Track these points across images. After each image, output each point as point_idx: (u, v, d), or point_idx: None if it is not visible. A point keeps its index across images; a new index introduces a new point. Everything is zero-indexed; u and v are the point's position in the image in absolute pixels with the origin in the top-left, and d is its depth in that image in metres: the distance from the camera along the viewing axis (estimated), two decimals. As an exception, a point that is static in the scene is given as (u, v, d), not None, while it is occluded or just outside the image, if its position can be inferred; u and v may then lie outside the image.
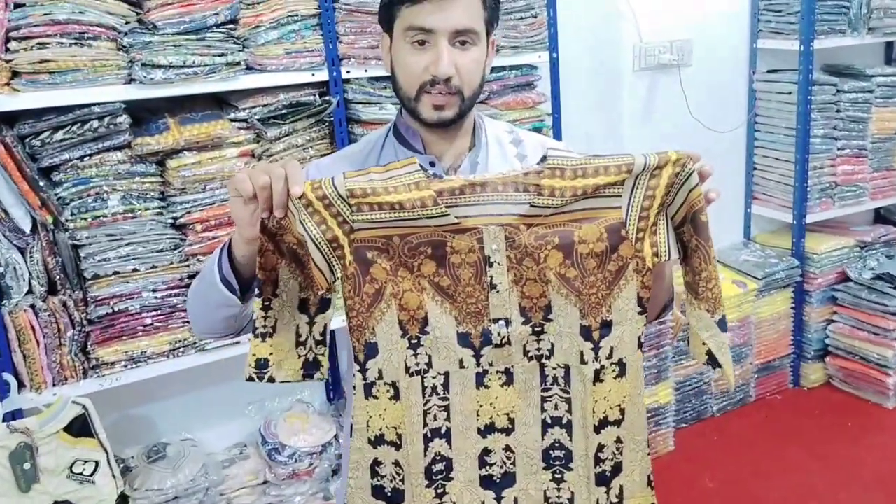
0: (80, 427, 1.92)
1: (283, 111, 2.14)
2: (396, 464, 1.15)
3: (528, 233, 1.09)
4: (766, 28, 3.25)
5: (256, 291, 1.11)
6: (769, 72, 3.31)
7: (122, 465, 2.21)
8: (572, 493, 1.17)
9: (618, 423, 1.15)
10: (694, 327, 1.17)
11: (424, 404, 1.13)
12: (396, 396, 1.12)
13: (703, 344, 1.16)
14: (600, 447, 1.15)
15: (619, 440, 1.15)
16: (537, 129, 2.54)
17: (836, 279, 3.35)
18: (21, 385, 1.91)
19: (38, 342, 1.91)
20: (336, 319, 2.14)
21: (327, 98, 2.18)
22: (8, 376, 1.87)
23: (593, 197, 1.08)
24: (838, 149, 3.23)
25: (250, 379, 1.13)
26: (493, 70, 2.45)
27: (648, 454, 1.19)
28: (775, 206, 3.39)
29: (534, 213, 1.08)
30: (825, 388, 3.42)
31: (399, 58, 1.24)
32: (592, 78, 2.99)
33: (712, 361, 1.17)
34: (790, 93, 3.18)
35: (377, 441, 1.14)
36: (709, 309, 1.14)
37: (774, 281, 3.24)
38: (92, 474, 1.94)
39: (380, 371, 1.12)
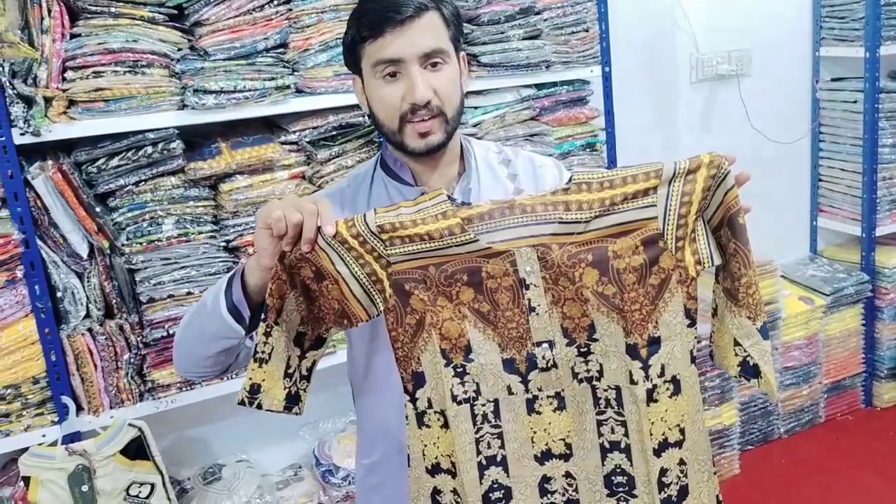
0: (136, 449, 1.94)
1: (333, 133, 2.14)
2: (454, 492, 1.14)
3: (561, 251, 1.06)
4: (829, 35, 3.14)
5: (263, 316, 1.10)
6: (833, 80, 3.20)
7: (178, 487, 2.23)
8: None
9: (679, 444, 1.10)
10: (726, 337, 1.12)
11: (476, 432, 1.11)
12: (446, 425, 1.11)
13: (736, 356, 1.11)
14: (663, 471, 1.10)
15: (682, 462, 1.11)
16: (590, 146, 2.51)
17: (910, 294, 3.20)
18: (79, 408, 1.95)
19: (95, 365, 1.94)
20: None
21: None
22: (67, 399, 1.90)
23: (625, 211, 1.05)
24: (909, 158, 3.09)
25: (241, 403, 1.13)
26: (544, 86, 2.42)
27: (715, 473, 1.14)
28: (843, 219, 3.26)
29: (564, 230, 1.06)
30: (900, 408, 3.26)
31: (374, 95, 1.23)
32: (647, 91, 2.93)
33: (746, 373, 1.12)
34: (856, 101, 3.06)
35: (434, 470, 1.13)
36: (750, 316, 1.10)
37: (843, 297, 3.11)
38: (148, 497, 1.96)
39: (429, 400, 1.12)
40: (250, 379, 1.11)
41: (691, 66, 3.00)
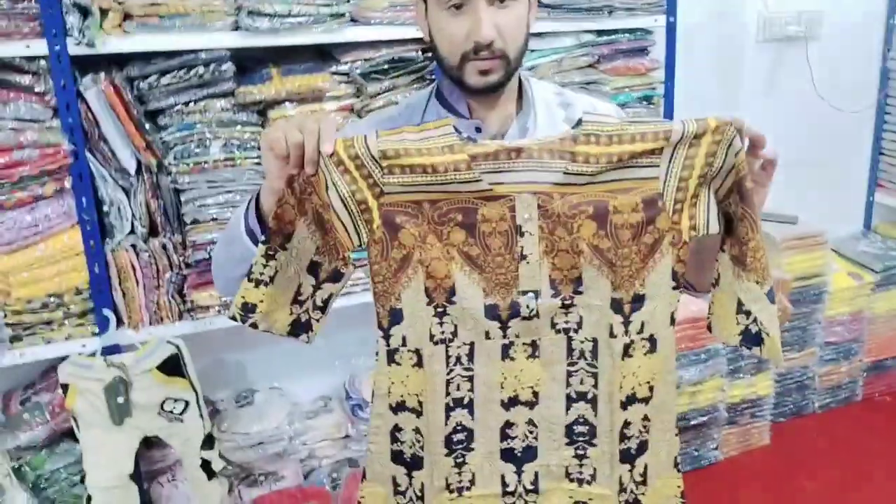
0: (172, 367, 1.97)
1: (385, 66, 2.11)
2: (417, 430, 1.14)
3: (562, 202, 1.05)
4: (907, 2, 3.00)
5: (262, 238, 1.09)
6: (906, 49, 3.06)
7: (210, 407, 2.28)
8: (595, 469, 1.15)
9: (646, 400, 1.12)
10: (728, 306, 1.10)
11: (448, 373, 1.11)
12: (419, 364, 1.10)
13: (738, 324, 1.10)
14: (626, 424, 1.12)
15: (646, 418, 1.13)
16: (647, 98, 2.44)
17: (964, 276, 3.09)
18: (119, 321, 1.98)
19: (137, 281, 1.96)
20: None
21: (430, 55, 2.14)
22: (108, 312, 1.93)
23: (629, 167, 1.04)
24: (978, 136, 2.97)
25: (233, 318, 1.12)
26: (604, 33, 2.36)
27: (678, 435, 1.15)
28: (902, 195, 3.15)
29: (568, 181, 1.04)
30: (942, 392, 3.19)
31: (437, 26, 1.18)
32: (711, 47, 2.83)
33: (748, 341, 1.10)
34: (928, 74, 2.94)
35: (398, 408, 1.13)
36: (758, 280, 1.07)
37: (894, 275, 3.03)
38: (181, 413, 2.00)
39: (403, 338, 1.10)
40: (242, 297, 1.10)
41: (759, 25, 2.89)
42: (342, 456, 2.39)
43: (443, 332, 1.10)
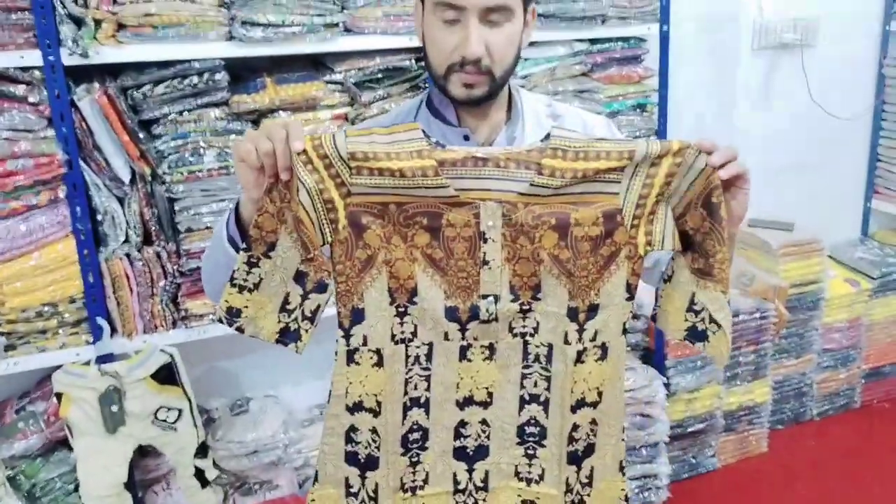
0: (166, 375, 1.98)
1: (379, 75, 2.12)
2: (374, 430, 1.15)
3: (526, 211, 1.08)
4: (903, 9, 3.00)
5: (243, 245, 1.09)
6: (902, 56, 3.07)
7: (205, 416, 2.27)
8: (543, 469, 1.18)
9: (594, 404, 1.15)
10: (678, 303, 1.15)
11: (406, 373, 1.13)
12: (380, 363, 1.12)
13: (686, 321, 1.14)
14: (574, 427, 1.15)
15: (594, 422, 1.16)
16: (641, 106, 2.45)
17: (962, 283, 3.09)
18: (113, 330, 1.98)
19: (131, 290, 1.97)
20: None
21: (423, 64, 2.14)
22: (101, 321, 1.94)
23: (592, 181, 1.08)
24: (975, 143, 2.97)
25: (220, 321, 1.13)
26: (598, 41, 2.36)
27: (624, 440, 1.19)
28: (899, 202, 3.15)
29: (533, 192, 1.07)
30: (940, 399, 3.18)
31: (429, 32, 1.19)
32: (706, 55, 2.84)
33: (693, 337, 1.15)
34: (924, 80, 2.94)
35: (355, 408, 1.14)
36: (723, 290, 1.12)
37: (891, 281, 3.03)
38: (175, 421, 2.00)
39: (364, 337, 1.11)
40: (226, 301, 1.11)
41: (754, 33, 2.89)
42: (337, 464, 2.38)
43: (403, 332, 1.12)
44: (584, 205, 1.08)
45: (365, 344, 1.11)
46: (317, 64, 2.17)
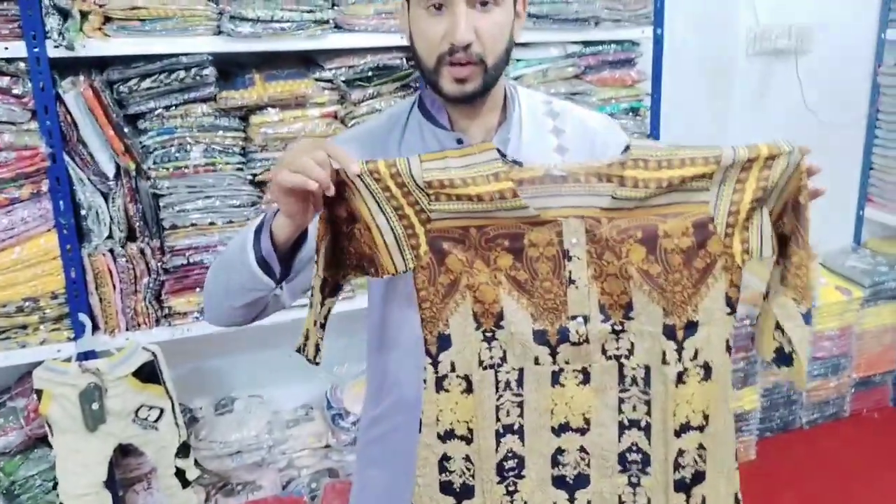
0: (148, 373, 1.96)
1: (369, 74, 2.10)
2: (467, 458, 1.11)
3: (610, 226, 1.03)
4: (899, 17, 2.99)
5: (318, 262, 1.05)
6: (897, 65, 3.06)
7: (189, 415, 2.25)
8: (648, 498, 1.10)
9: (701, 428, 1.07)
10: (769, 321, 1.08)
11: (497, 399, 1.09)
12: (469, 390, 1.08)
13: (774, 340, 1.07)
14: (680, 452, 1.08)
15: (701, 447, 1.08)
16: (634, 110, 2.43)
17: (953, 294, 3.08)
18: (95, 327, 1.96)
19: (114, 286, 1.94)
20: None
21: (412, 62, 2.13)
22: (84, 317, 1.91)
23: (679, 190, 1.02)
24: (968, 152, 2.96)
25: (298, 350, 1.09)
26: (591, 44, 2.35)
27: (737, 468, 1.10)
28: (891, 211, 3.13)
29: (616, 205, 1.02)
30: (930, 410, 3.17)
31: (416, 25, 1.15)
32: (700, 59, 2.82)
33: (779, 360, 1.08)
34: (919, 89, 2.93)
35: (447, 436, 1.10)
36: (795, 298, 1.05)
37: (883, 290, 3.01)
38: (156, 421, 1.97)
39: (452, 364, 1.07)
40: (306, 328, 1.08)
41: (749, 38, 2.87)
42: (322, 466, 2.36)
43: (492, 358, 1.08)
44: (672, 216, 1.03)
45: (453, 370, 1.08)
46: (307, 61, 2.16)
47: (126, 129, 1.89)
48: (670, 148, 1.02)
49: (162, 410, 1.98)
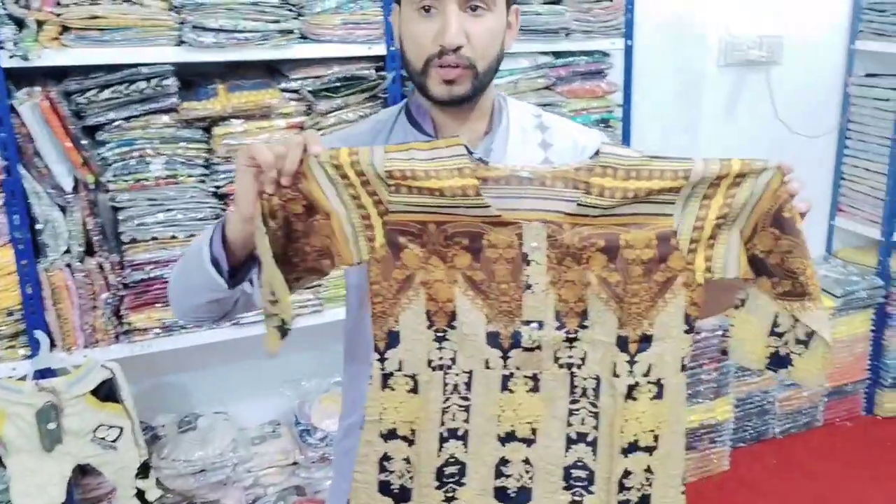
0: (107, 392, 1.91)
1: (336, 84, 2.07)
2: (407, 460, 1.08)
3: (572, 232, 1.00)
4: (868, 28, 3.00)
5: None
6: (867, 76, 3.07)
7: (151, 433, 2.20)
8: None
9: (650, 449, 1.05)
10: (754, 329, 1.05)
11: (444, 402, 1.06)
12: (415, 390, 1.05)
13: (767, 347, 1.04)
14: (626, 473, 1.05)
15: (649, 470, 1.06)
16: (605, 121, 2.42)
17: (924, 304, 3.10)
18: (52, 344, 1.91)
19: (72, 302, 1.90)
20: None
21: (383, 73, 2.10)
22: (40, 334, 1.86)
23: (645, 202, 0.99)
24: (938, 163, 2.98)
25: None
26: (562, 55, 2.33)
27: (684, 493, 1.08)
28: (862, 221, 3.15)
29: (580, 212, 1.00)
30: (901, 418, 3.18)
31: (406, 26, 1.13)
32: (671, 70, 2.82)
33: (775, 364, 1.05)
34: (888, 100, 2.94)
35: (389, 435, 1.07)
36: (822, 307, 1.01)
37: (854, 300, 3.02)
38: (115, 440, 1.93)
39: (400, 362, 1.05)
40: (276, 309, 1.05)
41: (720, 49, 2.88)
42: (289, 483, 2.31)
43: (441, 358, 1.05)
44: (635, 226, 1.00)
45: (400, 369, 1.05)
46: (272, 71, 2.12)
47: (84, 141, 1.84)
48: (641, 156, 1.00)
49: (121, 429, 1.93)
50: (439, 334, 1.05)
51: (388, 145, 1.01)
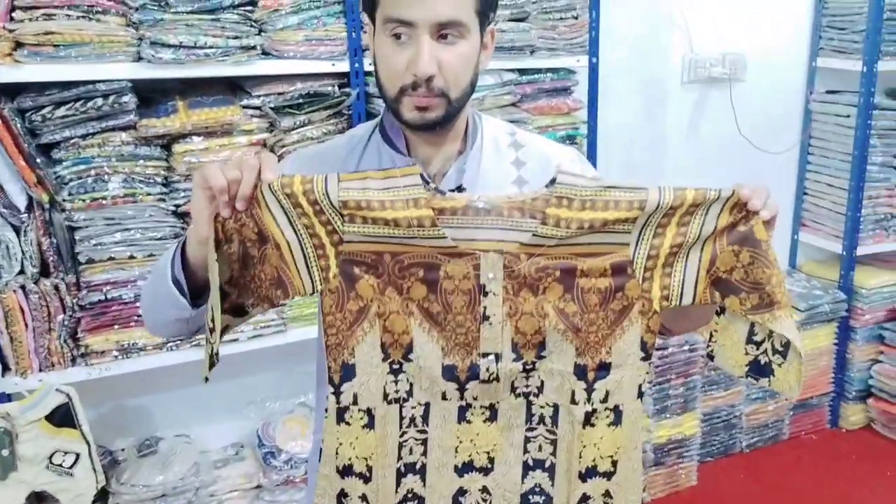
0: (62, 416, 1.86)
1: (299, 101, 2.04)
2: (364, 498, 1.07)
3: (529, 263, 1.00)
4: (828, 46, 3.05)
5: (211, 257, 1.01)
6: (827, 92, 3.11)
7: (110, 458, 2.15)
8: None
9: (608, 475, 1.05)
10: (736, 335, 1.04)
11: (401, 436, 1.05)
12: (370, 425, 1.04)
13: (746, 354, 1.04)
14: (584, 497, 1.06)
15: (607, 494, 1.06)
16: (571, 138, 2.42)
17: (886, 317, 3.14)
18: (6, 368, 1.86)
19: (26, 325, 1.85)
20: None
21: (346, 90, 2.08)
22: (-8, 358, 1.81)
23: (601, 232, 0.99)
24: (897, 178, 3.03)
25: (206, 380, 1.04)
26: (527, 72, 2.33)
27: None
28: (825, 235, 3.19)
29: (536, 242, 1.00)
30: (865, 431, 3.21)
31: (380, 51, 1.12)
32: (636, 87, 2.84)
33: (755, 372, 1.04)
34: (849, 116, 2.98)
35: (345, 471, 1.06)
36: (791, 314, 1.01)
37: (818, 314, 3.05)
38: (71, 466, 1.87)
39: (355, 396, 1.04)
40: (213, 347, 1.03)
41: (684, 66, 2.90)
42: (253, 507, 2.27)
43: (397, 391, 1.05)
44: (591, 256, 1.01)
45: (355, 403, 1.04)
46: (234, 87, 2.09)
47: (39, 160, 1.79)
48: (598, 186, 0.99)
49: (78, 455, 1.87)
50: (395, 367, 1.04)
51: (342, 173, 1.00)
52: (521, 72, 2.33)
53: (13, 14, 1.72)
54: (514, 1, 2.23)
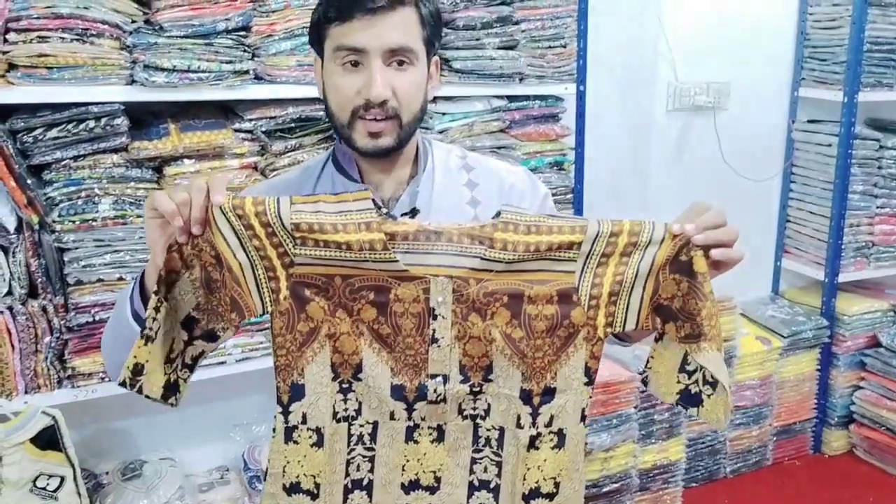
0: (47, 439, 1.84)
1: (291, 125, 2.06)
2: None
3: (478, 288, 1.04)
4: (810, 76, 3.11)
5: (154, 288, 1.02)
6: (809, 121, 3.17)
7: (94, 481, 2.12)
8: None
9: (550, 496, 1.09)
10: (669, 363, 1.07)
11: (349, 453, 1.08)
12: (319, 444, 1.06)
13: (678, 383, 1.07)
14: None
15: None
16: (558, 164, 2.45)
17: (867, 343, 3.17)
18: (-9, 390, 1.83)
19: (12, 346, 1.83)
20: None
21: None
22: (-23, 380, 1.79)
23: (548, 259, 1.03)
24: (877, 207, 3.07)
25: (123, 384, 1.04)
26: (516, 99, 2.36)
27: None
28: (807, 262, 3.23)
29: (484, 266, 1.03)
30: (848, 456, 3.23)
31: (330, 81, 1.16)
32: (622, 114, 2.88)
33: (685, 401, 1.07)
34: (830, 145, 3.04)
35: (292, 489, 1.08)
36: (718, 347, 1.04)
37: (801, 340, 3.08)
38: (56, 490, 1.85)
39: (304, 415, 1.06)
40: (134, 357, 1.02)
41: (668, 95, 2.95)
42: (238, 531, 2.25)
43: (346, 410, 1.07)
44: (538, 283, 1.04)
45: (304, 422, 1.05)
46: (226, 110, 2.10)
47: (30, 181, 1.79)
48: (540, 215, 1.05)
49: (63, 479, 1.85)
50: (344, 386, 1.06)
51: (295, 196, 1.03)
52: (511, 98, 2.36)
53: (7, 36, 1.73)
54: (504, 29, 2.26)
